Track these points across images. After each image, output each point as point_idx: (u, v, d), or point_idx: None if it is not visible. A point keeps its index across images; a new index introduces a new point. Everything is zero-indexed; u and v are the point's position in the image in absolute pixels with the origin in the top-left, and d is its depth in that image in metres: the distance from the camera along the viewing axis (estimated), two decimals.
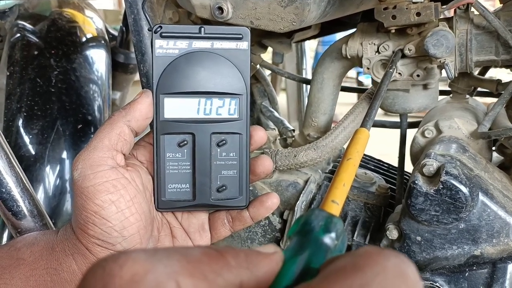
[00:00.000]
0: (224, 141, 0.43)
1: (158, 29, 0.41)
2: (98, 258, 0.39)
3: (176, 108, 0.42)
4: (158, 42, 0.42)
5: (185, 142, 0.43)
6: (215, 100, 0.43)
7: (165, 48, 0.42)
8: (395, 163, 0.79)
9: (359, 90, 1.11)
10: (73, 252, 0.39)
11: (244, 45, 0.43)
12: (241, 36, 0.42)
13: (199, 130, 0.43)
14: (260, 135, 0.45)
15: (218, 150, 0.43)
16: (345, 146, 0.86)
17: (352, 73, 5.50)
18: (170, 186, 0.43)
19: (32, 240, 0.42)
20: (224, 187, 0.44)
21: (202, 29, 0.42)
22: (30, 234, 0.44)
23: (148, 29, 0.65)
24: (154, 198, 0.44)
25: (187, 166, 0.43)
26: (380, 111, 0.71)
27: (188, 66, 0.42)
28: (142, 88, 0.69)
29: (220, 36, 0.42)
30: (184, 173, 0.43)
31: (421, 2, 0.58)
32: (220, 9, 0.56)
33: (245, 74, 0.43)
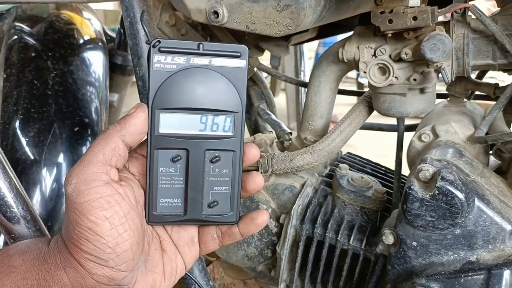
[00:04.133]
0: (217, 158, 0.44)
1: (157, 43, 0.41)
2: (90, 273, 0.38)
3: (171, 123, 0.42)
4: (156, 57, 0.41)
5: (179, 157, 0.43)
6: (210, 117, 0.43)
7: (163, 63, 0.41)
8: (393, 164, 0.79)
9: (357, 93, 1.10)
10: (65, 265, 0.39)
11: (242, 63, 0.43)
12: (239, 54, 0.42)
13: (193, 146, 0.43)
14: (253, 152, 0.45)
15: (212, 166, 0.44)
16: (342, 150, 0.86)
17: (352, 73, 5.48)
18: (161, 200, 0.43)
19: (25, 248, 0.42)
20: (215, 203, 0.44)
21: (201, 45, 0.42)
22: (23, 242, 0.43)
23: (146, 42, 0.64)
24: (145, 212, 0.43)
25: (180, 181, 0.43)
26: (377, 113, 0.71)
27: (185, 82, 0.42)
28: (139, 91, 0.69)
29: (218, 53, 0.42)
30: (177, 188, 0.43)
31: (417, 6, 0.57)
32: (216, 13, 0.56)
33: (241, 92, 0.43)
